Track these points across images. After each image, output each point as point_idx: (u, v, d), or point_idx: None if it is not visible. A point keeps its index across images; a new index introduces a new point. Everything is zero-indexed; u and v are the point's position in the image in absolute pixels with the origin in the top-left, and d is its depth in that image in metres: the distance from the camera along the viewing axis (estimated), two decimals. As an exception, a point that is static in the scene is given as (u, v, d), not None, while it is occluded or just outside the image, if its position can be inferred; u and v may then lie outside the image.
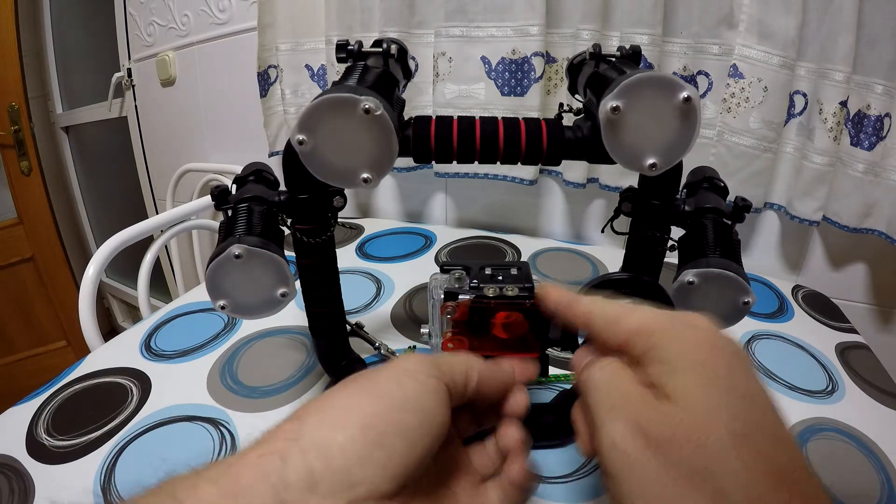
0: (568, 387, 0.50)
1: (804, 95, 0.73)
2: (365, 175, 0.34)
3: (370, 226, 0.97)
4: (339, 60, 0.43)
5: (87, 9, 1.56)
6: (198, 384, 0.53)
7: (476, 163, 0.38)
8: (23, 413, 0.49)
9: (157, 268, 0.95)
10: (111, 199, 1.86)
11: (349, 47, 0.42)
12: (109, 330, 1.95)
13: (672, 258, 0.44)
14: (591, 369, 0.24)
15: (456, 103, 0.86)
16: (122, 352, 0.59)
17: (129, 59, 1.33)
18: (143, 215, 1.41)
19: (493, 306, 0.39)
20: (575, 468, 0.43)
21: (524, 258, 0.84)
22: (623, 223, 0.45)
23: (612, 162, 0.35)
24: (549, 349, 0.41)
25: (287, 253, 0.40)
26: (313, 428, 0.21)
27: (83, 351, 0.62)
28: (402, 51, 0.47)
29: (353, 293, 0.71)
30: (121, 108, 1.45)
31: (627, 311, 0.25)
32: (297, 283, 0.44)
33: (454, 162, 0.38)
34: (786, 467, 0.19)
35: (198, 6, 1.11)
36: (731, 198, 0.44)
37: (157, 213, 0.93)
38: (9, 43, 1.48)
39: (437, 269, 0.43)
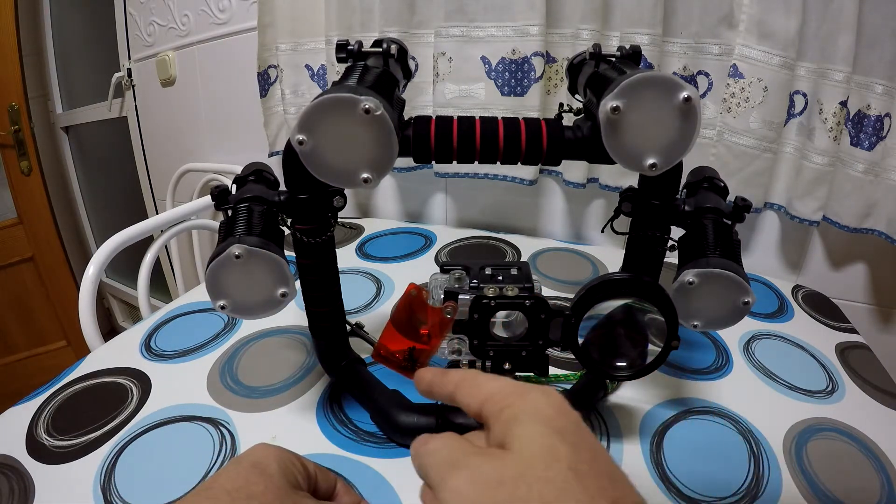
0: (568, 387, 0.50)
1: (804, 95, 0.73)
2: (365, 175, 0.34)
3: (370, 226, 0.97)
4: (339, 60, 0.43)
5: (87, 9, 1.56)
6: (198, 384, 0.53)
7: (476, 163, 0.38)
8: (23, 413, 0.49)
9: (157, 268, 0.94)
10: (111, 199, 1.86)
11: (349, 47, 0.42)
12: (109, 330, 1.95)
13: (672, 258, 0.44)
14: (426, 442, 0.25)
15: (456, 103, 0.86)
16: (122, 352, 0.59)
17: (129, 59, 1.33)
18: (143, 215, 1.41)
19: (493, 306, 0.39)
20: (575, 468, 0.43)
21: (524, 258, 0.84)
22: (623, 223, 0.45)
23: (612, 162, 0.35)
24: (549, 349, 0.41)
25: (287, 253, 0.40)
26: None
27: (83, 351, 0.62)
28: (402, 51, 0.47)
29: (353, 293, 0.71)
30: (121, 108, 1.45)
31: (487, 379, 0.26)
32: (297, 283, 0.44)
33: (454, 162, 0.38)
34: (621, 499, 0.21)
35: (198, 6, 1.11)
36: (731, 198, 0.44)
37: (157, 213, 0.93)
38: (9, 43, 1.48)
39: (437, 269, 0.43)
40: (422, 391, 0.29)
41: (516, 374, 0.42)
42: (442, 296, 0.39)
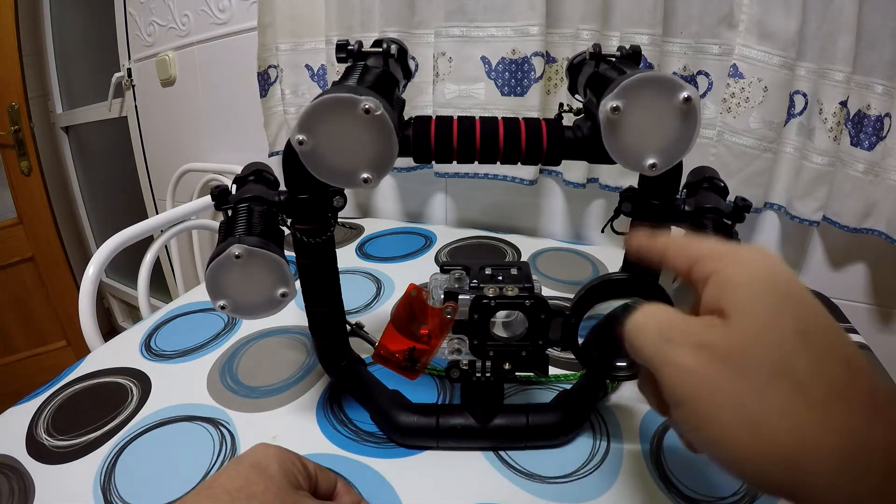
0: (568, 387, 0.50)
1: (804, 95, 0.73)
2: (365, 175, 0.34)
3: (370, 226, 0.97)
4: (339, 60, 0.43)
5: (87, 9, 1.56)
6: (198, 384, 0.53)
7: (476, 163, 0.38)
8: (23, 413, 0.49)
9: (157, 268, 0.95)
10: (111, 199, 1.86)
11: (349, 47, 0.42)
12: (109, 330, 1.95)
13: (672, 258, 0.44)
14: (632, 318, 0.25)
15: (456, 103, 0.86)
16: (122, 352, 0.59)
17: (129, 59, 1.33)
18: (143, 215, 1.41)
19: (493, 306, 0.39)
20: (575, 468, 0.43)
21: (524, 258, 0.84)
22: (623, 223, 0.45)
23: (612, 162, 0.35)
24: (549, 349, 0.41)
25: (287, 253, 0.40)
26: None
27: (83, 351, 0.62)
28: (402, 51, 0.47)
29: (353, 293, 0.71)
30: (121, 108, 1.45)
31: (696, 240, 0.26)
32: (297, 283, 0.44)
33: (454, 162, 0.38)
34: (851, 357, 0.20)
35: (198, 6, 1.11)
36: (731, 198, 0.44)
37: (157, 213, 0.93)
38: (9, 43, 1.48)
39: (437, 269, 0.43)
40: (631, 253, 0.28)
41: (517, 373, 0.42)
42: (442, 296, 0.39)
